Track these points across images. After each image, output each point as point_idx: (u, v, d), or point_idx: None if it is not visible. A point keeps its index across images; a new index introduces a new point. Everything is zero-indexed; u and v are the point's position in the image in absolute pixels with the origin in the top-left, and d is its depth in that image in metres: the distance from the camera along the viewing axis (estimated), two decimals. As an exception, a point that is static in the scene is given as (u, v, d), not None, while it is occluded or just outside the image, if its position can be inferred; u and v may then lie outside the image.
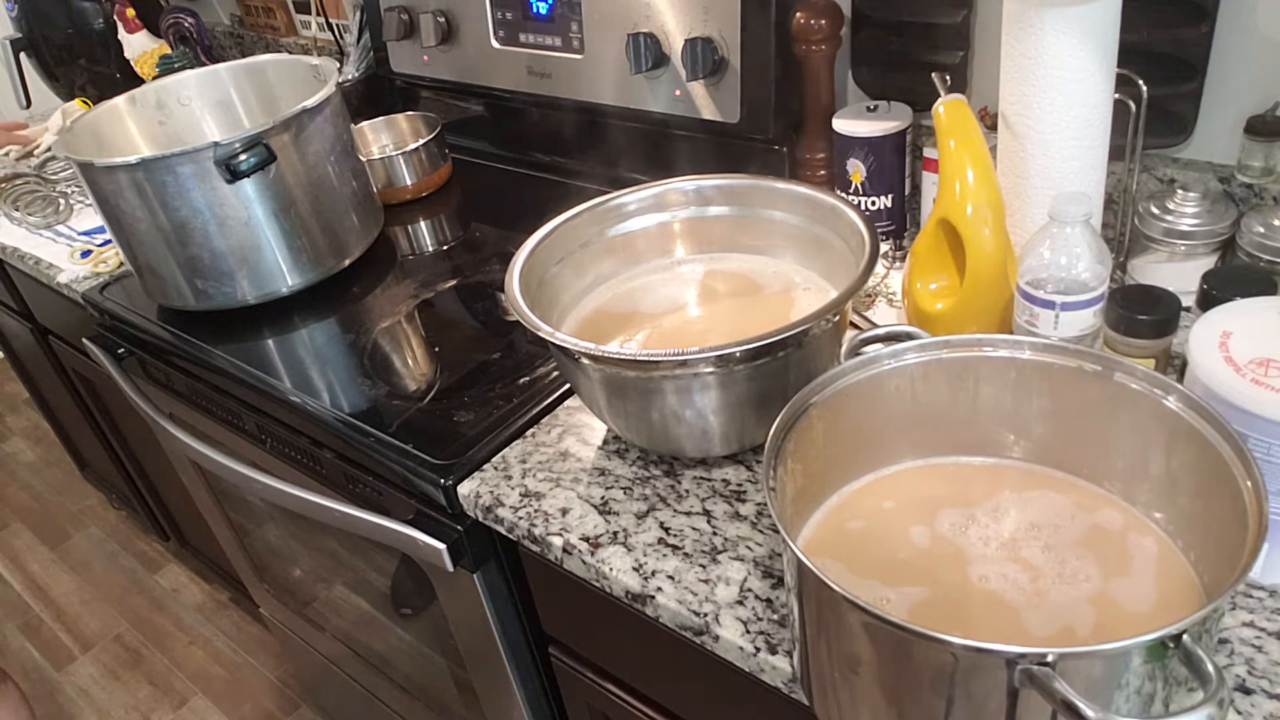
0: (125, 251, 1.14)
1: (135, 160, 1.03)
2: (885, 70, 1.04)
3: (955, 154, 0.77)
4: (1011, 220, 0.82)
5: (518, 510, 0.79)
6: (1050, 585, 0.58)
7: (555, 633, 0.94)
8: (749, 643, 0.65)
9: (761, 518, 0.74)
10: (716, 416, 0.73)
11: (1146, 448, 0.59)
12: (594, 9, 1.17)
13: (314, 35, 1.76)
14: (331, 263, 1.16)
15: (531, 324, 0.74)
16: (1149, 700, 0.47)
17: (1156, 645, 0.44)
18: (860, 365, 0.63)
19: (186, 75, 1.28)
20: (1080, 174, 0.79)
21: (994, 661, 0.45)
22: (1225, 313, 0.63)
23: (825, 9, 1.00)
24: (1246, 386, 0.57)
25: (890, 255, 1.03)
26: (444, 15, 1.33)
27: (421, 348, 1.05)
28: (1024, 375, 0.63)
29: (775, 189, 0.87)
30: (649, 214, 0.90)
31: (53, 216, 1.46)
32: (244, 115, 1.30)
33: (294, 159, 1.09)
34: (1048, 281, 0.72)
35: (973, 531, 0.62)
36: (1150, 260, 0.88)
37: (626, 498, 0.78)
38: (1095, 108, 0.76)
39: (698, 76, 1.08)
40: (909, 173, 1.04)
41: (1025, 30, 0.75)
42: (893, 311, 0.94)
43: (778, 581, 0.69)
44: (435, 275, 1.17)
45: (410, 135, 1.42)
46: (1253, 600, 0.62)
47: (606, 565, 0.73)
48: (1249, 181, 0.87)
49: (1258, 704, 0.56)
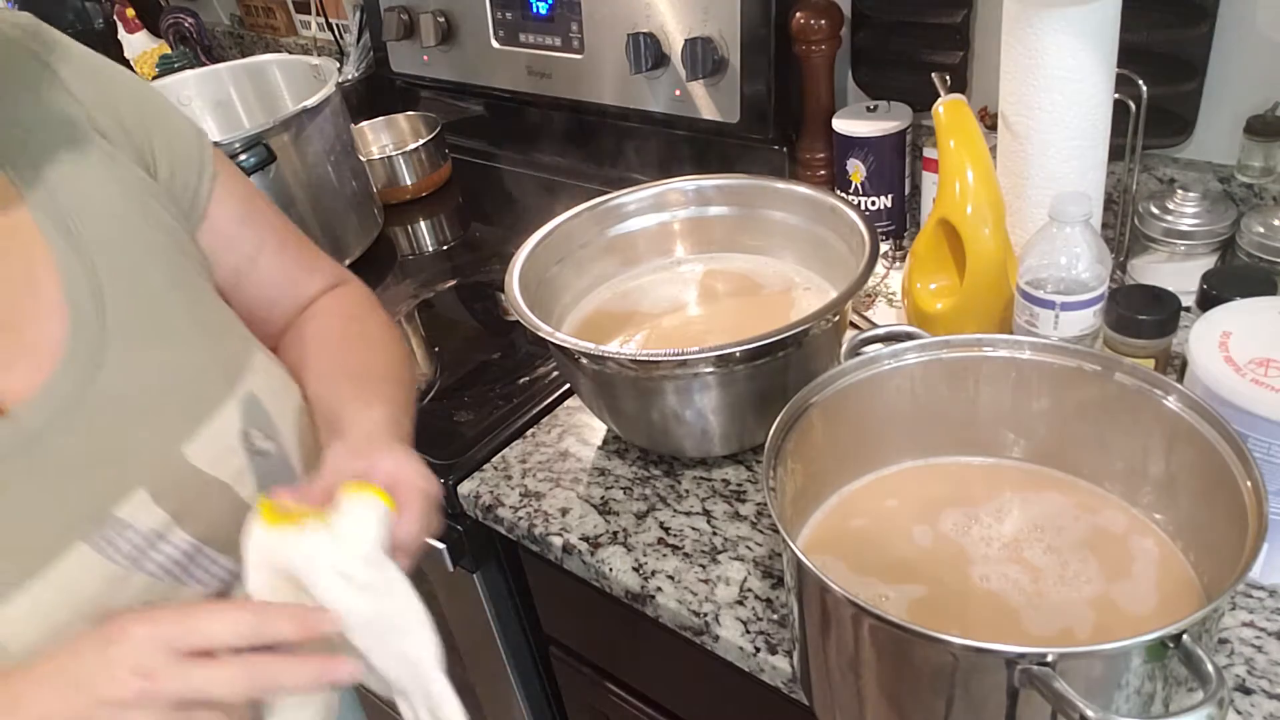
0: (125, 251, 1.14)
1: (135, 160, 1.03)
2: (885, 70, 1.04)
3: (955, 154, 0.77)
4: (1011, 220, 0.82)
5: (518, 510, 0.79)
6: (1051, 586, 0.58)
7: (555, 633, 0.94)
8: (749, 643, 0.65)
9: (761, 518, 0.74)
10: (716, 416, 0.73)
11: (1146, 448, 0.59)
12: (594, 9, 1.17)
13: (314, 35, 1.76)
14: (331, 263, 1.16)
15: (531, 324, 0.73)
16: (1149, 700, 0.47)
17: (1156, 645, 0.44)
18: (860, 365, 0.63)
19: (186, 75, 1.28)
20: (1080, 174, 0.79)
21: (994, 661, 0.45)
22: (1225, 313, 0.63)
23: (825, 9, 1.00)
24: (1246, 386, 0.57)
25: (890, 255, 1.02)
26: (444, 15, 1.33)
27: (421, 348, 1.05)
28: (1024, 375, 0.63)
29: (775, 189, 0.87)
30: (649, 214, 0.90)
31: (53, 216, 1.45)
32: (244, 115, 1.30)
33: (294, 159, 1.09)
34: (1048, 281, 0.72)
35: (975, 531, 0.62)
36: (1150, 260, 0.88)
37: (626, 498, 0.78)
38: (1095, 108, 0.76)
39: (697, 76, 1.08)
40: (909, 173, 1.04)
41: (1025, 30, 0.75)
42: (893, 311, 0.94)
43: (778, 581, 0.69)
44: (435, 275, 1.17)
45: (410, 135, 1.42)
46: (1253, 600, 0.62)
47: (606, 565, 0.73)
48: (1249, 181, 0.87)
49: (1258, 704, 0.56)
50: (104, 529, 0.51)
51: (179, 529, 0.54)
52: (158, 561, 0.54)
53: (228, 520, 0.56)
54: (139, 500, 0.53)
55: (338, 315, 0.70)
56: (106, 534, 0.51)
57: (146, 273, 0.56)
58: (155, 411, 0.55)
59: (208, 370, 0.58)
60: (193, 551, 0.55)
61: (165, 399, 0.55)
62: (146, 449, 0.54)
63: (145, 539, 0.53)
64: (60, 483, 0.51)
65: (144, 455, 0.54)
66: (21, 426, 0.50)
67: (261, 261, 0.67)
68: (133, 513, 0.52)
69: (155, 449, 0.54)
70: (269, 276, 0.68)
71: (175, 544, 0.54)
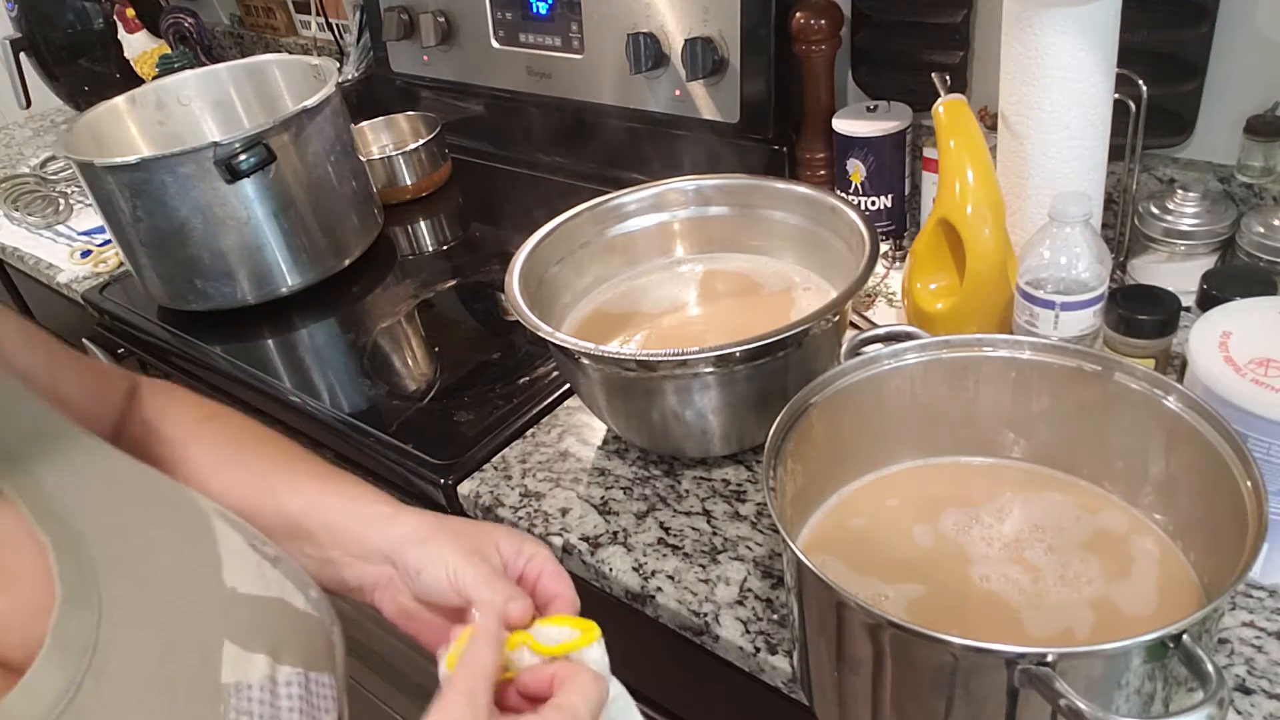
0: (125, 252, 1.14)
1: (135, 160, 1.03)
2: (885, 70, 1.04)
3: (955, 154, 0.77)
4: (1011, 220, 0.82)
5: (518, 510, 0.79)
6: (1051, 587, 0.58)
7: (555, 633, 0.94)
8: (749, 643, 0.65)
9: (761, 518, 0.74)
10: (716, 416, 0.73)
11: (1146, 448, 0.59)
12: (594, 9, 1.17)
13: (314, 35, 1.76)
14: (331, 263, 1.16)
15: (531, 324, 0.74)
16: (1149, 700, 0.47)
17: (1156, 645, 0.44)
18: (860, 365, 0.63)
19: (186, 75, 1.28)
20: (1080, 174, 0.79)
21: (994, 661, 0.45)
22: (1225, 313, 0.63)
23: (825, 9, 1.00)
24: (1246, 386, 0.57)
25: (890, 255, 1.02)
26: (444, 15, 1.33)
27: (421, 348, 1.05)
28: (1024, 375, 0.63)
29: (775, 189, 0.87)
30: (649, 214, 0.90)
31: (52, 216, 1.45)
32: (244, 115, 1.30)
33: (294, 159, 1.09)
34: (1048, 281, 0.72)
35: (976, 531, 0.62)
36: (1150, 260, 0.88)
37: (626, 498, 0.78)
38: (1095, 108, 0.76)
39: (697, 76, 1.08)
40: (909, 173, 1.04)
41: (1025, 30, 0.75)
42: (893, 311, 0.94)
43: (778, 581, 0.69)
44: (435, 275, 1.17)
45: (410, 135, 1.42)
46: (1253, 600, 0.62)
47: (606, 565, 0.73)
48: (1249, 181, 0.87)
49: (1258, 704, 0.56)
50: (227, 702, 0.45)
51: (280, 665, 0.48)
52: (290, 709, 0.48)
53: (306, 637, 0.51)
54: (231, 654, 0.46)
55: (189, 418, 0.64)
56: (232, 706, 0.45)
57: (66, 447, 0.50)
58: (172, 561, 0.48)
59: (174, 495, 0.52)
60: (305, 681, 0.49)
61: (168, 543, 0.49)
62: (196, 600, 0.47)
63: (265, 691, 0.47)
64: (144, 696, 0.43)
65: (200, 607, 0.47)
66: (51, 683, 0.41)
67: (62, 382, 0.60)
68: (235, 670, 0.46)
69: (203, 596, 0.47)
70: (73, 394, 0.60)
71: (289, 681, 0.48)
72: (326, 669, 0.51)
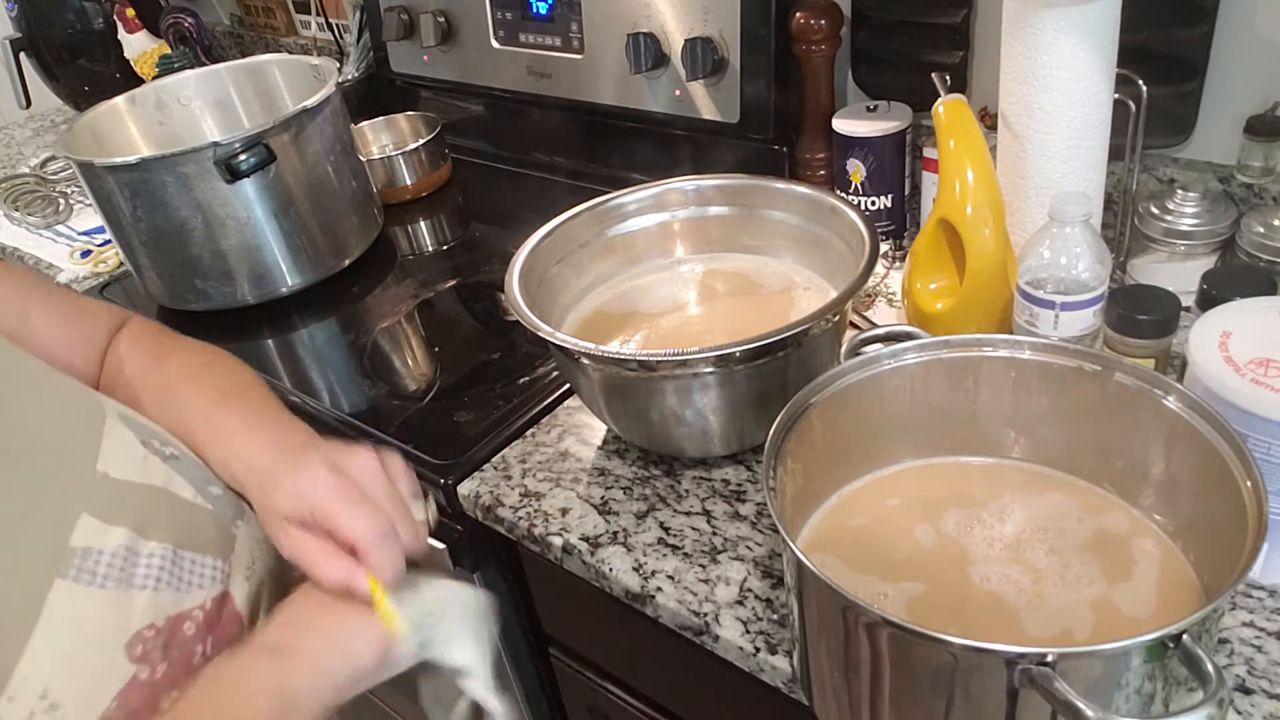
0: (125, 251, 1.14)
1: (135, 160, 1.03)
2: (885, 70, 1.04)
3: (955, 154, 0.77)
4: (1011, 220, 0.82)
5: (518, 510, 0.79)
6: (1051, 588, 0.58)
7: (555, 633, 0.94)
8: (749, 643, 0.65)
9: (761, 518, 0.74)
10: (716, 416, 0.73)
11: (1146, 448, 0.59)
12: (594, 9, 1.17)
13: (314, 35, 1.76)
14: (331, 263, 1.16)
15: (531, 324, 0.74)
16: (1149, 700, 0.47)
17: (1156, 645, 0.44)
18: (860, 365, 0.63)
19: (186, 75, 1.28)
20: (1080, 174, 0.79)
21: (994, 661, 0.45)
22: (1225, 313, 0.63)
23: (825, 9, 1.00)
24: (1246, 386, 0.57)
25: (890, 255, 1.03)
26: (444, 15, 1.33)
27: (421, 348, 1.05)
28: (1024, 375, 0.63)
29: (775, 189, 0.87)
30: (649, 214, 0.90)
31: (52, 216, 1.45)
32: (244, 115, 1.30)
33: (294, 159, 1.09)
34: (1048, 281, 0.72)
35: (977, 531, 0.62)
36: (1150, 260, 0.88)
37: (626, 498, 0.78)
38: (1095, 108, 0.76)
39: (697, 76, 1.08)
40: (909, 173, 1.04)
41: (1025, 30, 0.75)
42: (893, 311, 0.94)
43: (778, 581, 0.69)
44: (435, 275, 1.17)
45: (410, 135, 1.42)
46: (1253, 600, 0.62)
47: (606, 565, 0.73)
48: (1249, 181, 0.87)
49: (1258, 704, 0.56)
50: (70, 561, 0.51)
51: (146, 540, 0.54)
52: (145, 575, 0.54)
53: (185, 522, 0.57)
54: (87, 525, 0.53)
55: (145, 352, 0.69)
56: (75, 564, 0.51)
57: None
58: (50, 448, 0.54)
59: (74, 398, 0.58)
60: (173, 556, 0.55)
61: (53, 434, 0.55)
62: (63, 480, 0.54)
63: (117, 557, 0.53)
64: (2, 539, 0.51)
65: (65, 485, 0.54)
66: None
67: (33, 315, 0.66)
68: (88, 537, 0.52)
69: (72, 477, 0.54)
70: (44, 328, 0.66)
71: (151, 554, 0.54)
72: (211, 552, 0.58)
